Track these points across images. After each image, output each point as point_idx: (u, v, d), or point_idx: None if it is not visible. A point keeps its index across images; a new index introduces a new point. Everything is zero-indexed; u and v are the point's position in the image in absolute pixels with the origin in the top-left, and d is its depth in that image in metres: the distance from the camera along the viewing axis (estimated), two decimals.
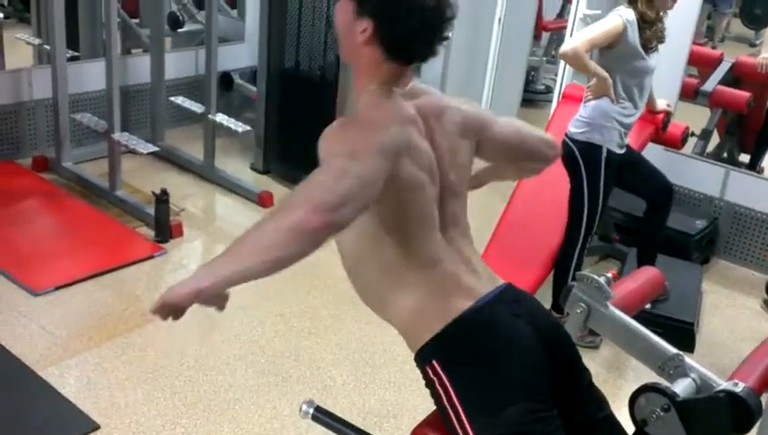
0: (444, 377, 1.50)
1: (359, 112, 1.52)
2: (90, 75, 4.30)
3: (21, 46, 4.45)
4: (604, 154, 2.94)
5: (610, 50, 2.87)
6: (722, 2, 7.27)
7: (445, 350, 1.51)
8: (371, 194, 1.35)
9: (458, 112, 1.61)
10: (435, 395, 1.53)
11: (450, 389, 1.49)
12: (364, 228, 1.49)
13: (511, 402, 1.47)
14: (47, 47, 4.07)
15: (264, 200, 4.05)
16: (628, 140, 3.04)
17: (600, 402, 1.68)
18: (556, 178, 3.27)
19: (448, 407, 1.50)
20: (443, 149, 1.54)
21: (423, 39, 1.48)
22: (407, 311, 1.54)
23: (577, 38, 2.87)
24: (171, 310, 1.33)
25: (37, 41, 4.36)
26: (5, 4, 5.65)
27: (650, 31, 2.87)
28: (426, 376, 1.54)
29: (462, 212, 1.61)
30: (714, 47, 6.80)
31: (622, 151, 3.00)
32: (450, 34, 4.62)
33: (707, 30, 7.29)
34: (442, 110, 1.58)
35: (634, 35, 2.84)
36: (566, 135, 3.00)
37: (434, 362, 1.51)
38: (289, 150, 4.36)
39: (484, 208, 4.03)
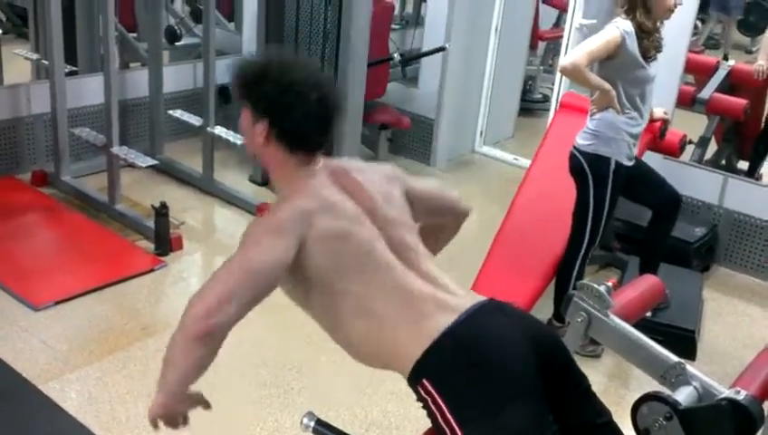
0: (435, 395, 1.51)
1: (277, 202, 1.66)
2: (88, 90, 4.31)
3: (19, 61, 4.46)
4: (612, 166, 2.94)
5: (610, 61, 2.87)
6: (734, 8, 7.30)
7: (433, 368, 1.53)
8: (270, 275, 1.51)
9: (378, 169, 1.75)
10: (430, 414, 1.54)
11: (443, 405, 1.50)
12: (318, 296, 1.60)
13: (503, 412, 1.48)
14: (45, 62, 4.08)
15: (262, 212, 4.03)
16: (636, 151, 3.05)
17: (599, 409, 1.68)
18: (555, 189, 3.29)
19: (443, 424, 1.51)
20: (370, 195, 1.65)
21: (311, 130, 1.62)
22: (389, 347, 1.58)
23: (576, 52, 2.87)
24: (164, 421, 1.55)
25: (35, 56, 4.37)
26: (3, 19, 5.68)
27: (648, 40, 2.88)
28: (419, 397, 1.55)
29: (414, 239, 1.68)
30: (726, 55, 6.83)
31: (631, 163, 3.00)
32: (447, 45, 4.63)
33: (708, 39, 7.35)
34: (360, 168, 1.71)
35: (633, 45, 2.85)
36: (574, 147, 3.01)
37: (424, 381, 1.52)
38: None
39: (483, 219, 4.03)
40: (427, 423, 1.65)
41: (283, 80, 1.59)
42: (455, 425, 1.48)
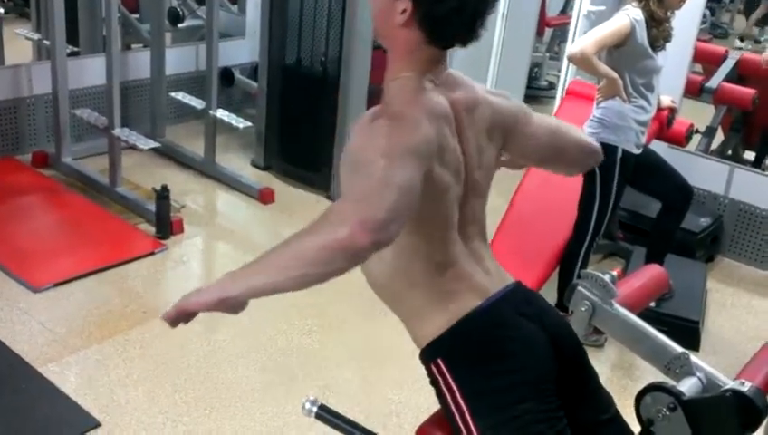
0: (449, 376, 1.48)
1: (390, 103, 1.42)
2: (89, 71, 4.28)
3: (20, 41, 4.44)
4: (619, 154, 2.92)
5: (618, 49, 2.84)
6: None
7: (451, 349, 1.49)
8: (415, 201, 1.29)
9: (490, 107, 1.54)
10: (439, 394, 1.51)
11: (455, 388, 1.47)
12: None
13: (516, 403, 1.45)
14: (47, 42, 4.06)
15: (264, 196, 4.03)
16: (644, 140, 3.02)
17: (606, 403, 1.66)
18: (558, 178, 3.25)
19: (453, 406, 1.48)
20: (471, 148, 1.48)
21: (464, 20, 1.39)
22: (416, 309, 1.51)
23: (584, 40, 2.84)
24: (188, 317, 1.35)
25: (37, 36, 4.35)
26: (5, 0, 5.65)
27: (658, 30, 2.85)
28: (430, 374, 1.52)
29: (482, 212, 1.57)
30: (741, 37, 6.71)
31: (639, 152, 2.97)
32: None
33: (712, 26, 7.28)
34: (475, 103, 1.51)
35: (642, 34, 2.81)
36: None
37: (439, 360, 1.49)
38: (290, 147, 4.34)
39: (487, 207, 4.01)
40: (429, 411, 1.64)
41: None
42: (465, 410, 1.46)
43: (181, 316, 1.34)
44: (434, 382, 1.52)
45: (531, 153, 1.69)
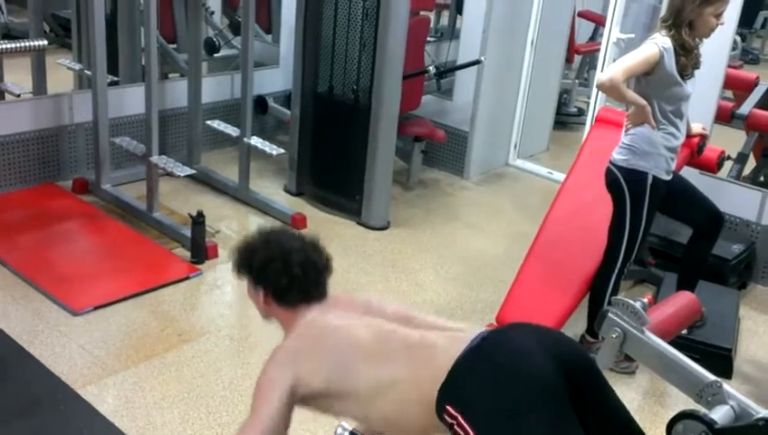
0: (459, 417, 1.55)
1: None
2: (129, 100, 4.40)
3: (62, 71, 4.57)
4: (649, 181, 2.93)
5: (647, 77, 2.86)
6: None
7: (453, 392, 1.58)
8: (280, 421, 1.71)
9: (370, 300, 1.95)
10: None
11: (467, 427, 1.53)
12: (340, 399, 1.74)
13: (524, 418, 1.50)
14: (88, 72, 4.18)
15: (296, 222, 4.09)
16: (674, 165, 3.02)
17: (627, 419, 1.67)
18: (589, 203, 3.28)
19: None
20: (360, 302, 1.91)
21: (299, 288, 1.86)
22: (411, 397, 1.66)
23: (613, 68, 2.86)
24: None
25: (78, 66, 4.47)
26: (48, 30, 5.82)
27: (687, 58, 2.86)
28: (447, 424, 1.59)
29: (415, 314, 1.87)
30: None
31: (669, 178, 2.98)
32: (483, 58, 4.67)
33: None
34: (352, 300, 1.94)
35: (671, 62, 2.83)
36: (610, 162, 3.00)
37: (447, 407, 1.57)
38: (322, 173, 4.41)
39: (515, 233, 4.03)
40: None
41: (268, 253, 1.87)
42: None
43: None
44: (451, 428, 1.58)
45: None
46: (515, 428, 1.50)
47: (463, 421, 1.53)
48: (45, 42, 3.87)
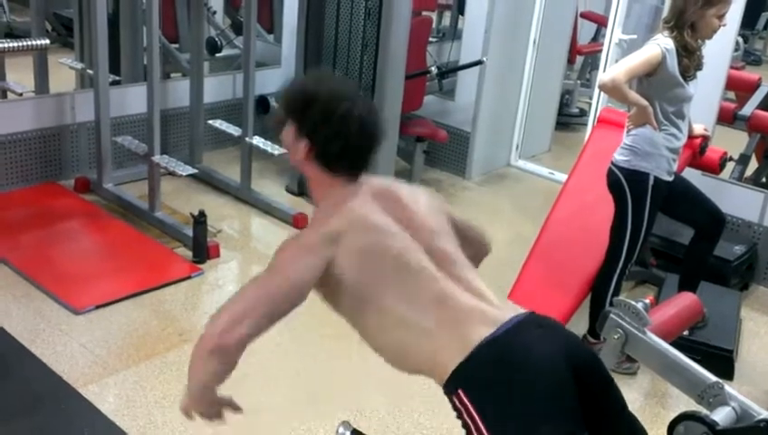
0: (470, 406, 1.51)
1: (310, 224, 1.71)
2: (131, 99, 4.41)
3: (64, 71, 4.57)
4: (651, 182, 2.93)
5: (649, 78, 2.86)
6: None
7: (469, 379, 1.53)
8: (286, 298, 1.58)
9: (417, 189, 1.80)
10: (464, 425, 1.54)
11: (477, 417, 1.50)
12: (353, 306, 1.63)
13: (536, 426, 1.48)
14: (90, 72, 4.18)
15: (298, 222, 4.09)
16: (676, 166, 3.02)
17: (636, 428, 1.67)
18: (591, 204, 3.28)
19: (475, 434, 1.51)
20: (407, 209, 1.69)
21: (351, 157, 1.68)
22: (428, 357, 1.59)
23: (616, 68, 2.86)
24: (198, 415, 1.65)
25: (80, 65, 4.48)
26: (50, 29, 5.82)
27: (689, 59, 2.86)
28: (454, 406, 1.56)
29: (455, 249, 1.70)
30: None
31: (671, 179, 2.98)
32: (485, 59, 4.66)
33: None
34: (399, 186, 1.75)
35: (673, 63, 2.83)
36: (612, 163, 3.00)
37: (459, 391, 1.53)
38: None
39: (517, 233, 4.03)
40: None
41: (327, 106, 1.64)
42: None
43: (191, 414, 1.64)
44: (458, 414, 1.55)
45: (457, 233, 1.81)
46: (528, 431, 1.48)
47: (474, 413, 1.50)
48: (47, 41, 3.87)
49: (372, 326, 1.63)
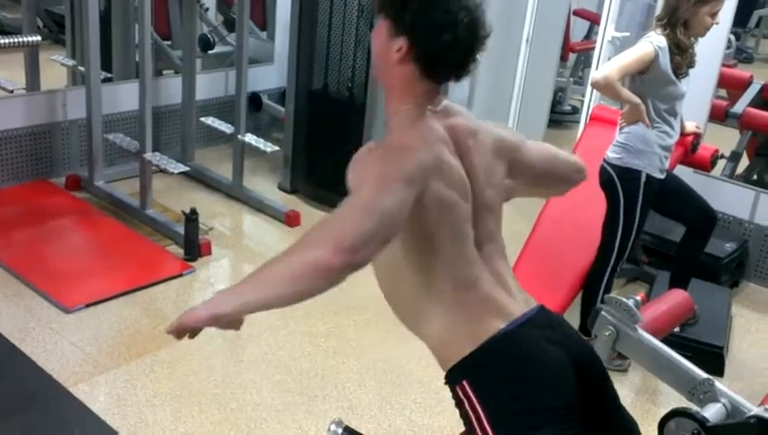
0: (474, 398, 1.49)
1: (390, 135, 1.55)
2: (122, 96, 4.39)
3: (55, 67, 4.55)
4: (643, 179, 2.93)
5: (642, 76, 2.87)
6: None
7: (475, 371, 1.51)
8: (396, 227, 1.39)
9: (491, 134, 1.62)
10: (464, 416, 1.53)
11: (480, 411, 1.49)
12: (398, 250, 1.50)
13: (540, 427, 1.47)
14: (81, 68, 4.16)
15: (291, 220, 4.08)
16: (668, 164, 3.03)
17: (630, 426, 1.67)
18: (582, 201, 3.27)
19: (477, 429, 1.49)
20: (476, 167, 1.55)
21: (456, 56, 1.49)
22: (440, 330, 1.54)
23: (608, 66, 2.87)
24: (188, 331, 1.40)
25: (71, 62, 4.46)
26: (41, 26, 5.79)
27: (682, 57, 2.86)
28: (455, 396, 1.54)
29: (497, 229, 1.61)
30: None
31: (662, 176, 2.99)
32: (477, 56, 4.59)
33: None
34: (475, 130, 1.59)
35: (665, 61, 2.84)
36: (604, 160, 3.00)
37: (464, 382, 1.51)
38: (316, 170, 4.40)
39: (510, 230, 4.03)
40: (451, 433, 1.66)
41: None
42: (489, 431, 1.47)
43: (182, 330, 1.40)
44: (459, 404, 1.53)
45: (532, 174, 1.72)
46: (531, 427, 1.46)
47: (478, 406, 1.48)
48: (39, 37, 3.86)
49: (406, 279, 1.53)
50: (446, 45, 1.46)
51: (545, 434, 1.46)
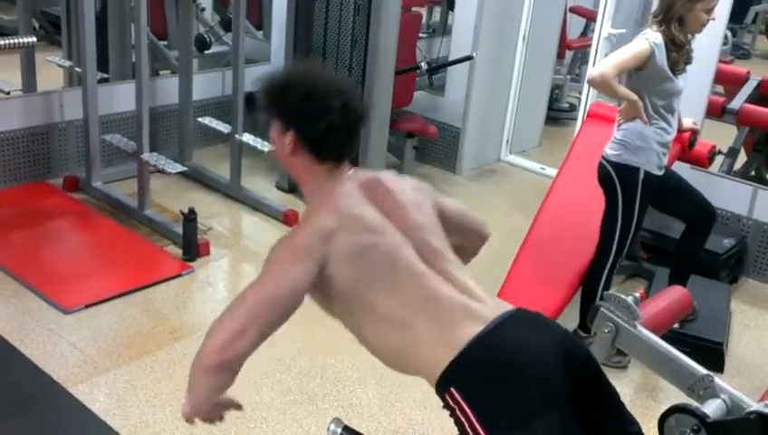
0: (463, 403, 1.50)
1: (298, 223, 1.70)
2: (119, 97, 4.38)
3: (52, 68, 4.54)
4: (641, 176, 2.93)
5: (638, 72, 2.87)
6: None
7: (461, 376, 1.52)
8: (288, 306, 1.55)
9: (409, 180, 1.78)
10: (457, 423, 1.54)
11: (470, 414, 1.50)
12: (345, 307, 1.62)
13: (530, 420, 1.47)
14: (78, 69, 4.15)
15: (288, 219, 4.08)
16: (666, 161, 3.03)
17: (629, 421, 1.67)
18: (582, 199, 3.28)
19: (469, 431, 1.50)
20: (397, 202, 1.66)
21: (336, 138, 1.65)
22: (423, 356, 1.57)
23: (604, 63, 2.87)
24: (198, 418, 1.63)
25: (68, 63, 4.45)
26: (37, 27, 5.78)
27: (678, 53, 2.86)
28: (447, 405, 1.55)
29: (444, 246, 1.68)
30: None
31: (661, 173, 2.99)
32: (475, 54, 4.64)
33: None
34: (388, 177, 1.73)
35: (662, 58, 2.84)
36: (602, 157, 3.00)
37: (451, 389, 1.52)
38: None
39: (508, 229, 4.03)
40: (451, 431, 1.66)
41: (306, 88, 1.63)
42: (482, 433, 1.48)
43: (192, 419, 1.63)
44: (451, 413, 1.54)
45: (450, 222, 1.79)
46: (522, 424, 1.47)
47: (467, 408, 1.49)
48: (34, 39, 3.85)
49: (365, 327, 1.62)
50: (325, 131, 1.63)
51: (536, 427, 1.46)
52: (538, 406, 1.48)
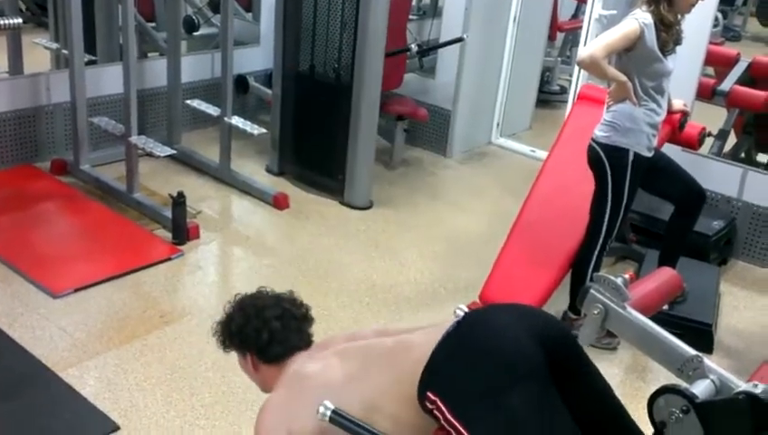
0: (437, 400, 1.55)
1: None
2: (107, 79, 4.34)
3: (39, 51, 4.50)
4: (631, 158, 2.93)
5: (628, 53, 2.86)
6: None
7: (432, 379, 1.58)
8: None
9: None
10: (441, 426, 1.56)
11: (444, 408, 1.53)
12: None
13: (506, 396, 1.49)
14: (65, 51, 4.12)
15: (278, 202, 4.07)
16: (656, 143, 3.03)
17: (613, 401, 1.69)
18: (572, 181, 3.28)
19: (447, 426, 1.53)
20: (342, 336, 1.94)
21: (280, 340, 1.87)
22: (400, 393, 1.63)
23: (593, 44, 2.85)
24: None
25: (55, 45, 4.41)
26: (24, 9, 5.72)
27: (668, 34, 2.85)
28: (429, 411, 1.57)
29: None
30: None
31: (650, 155, 2.99)
32: (465, 36, 4.62)
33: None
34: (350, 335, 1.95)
35: (651, 38, 2.82)
36: (592, 139, 3.00)
37: (428, 393, 1.56)
38: (304, 152, 4.39)
39: (499, 211, 4.03)
40: None
41: (243, 315, 1.89)
42: (457, 424, 1.51)
43: None
44: (435, 417, 1.57)
45: None
46: (494, 406, 1.49)
47: (441, 405, 1.53)
48: (20, 20, 3.80)
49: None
50: (269, 340, 1.86)
51: (511, 408, 1.48)
52: (508, 386, 1.51)
